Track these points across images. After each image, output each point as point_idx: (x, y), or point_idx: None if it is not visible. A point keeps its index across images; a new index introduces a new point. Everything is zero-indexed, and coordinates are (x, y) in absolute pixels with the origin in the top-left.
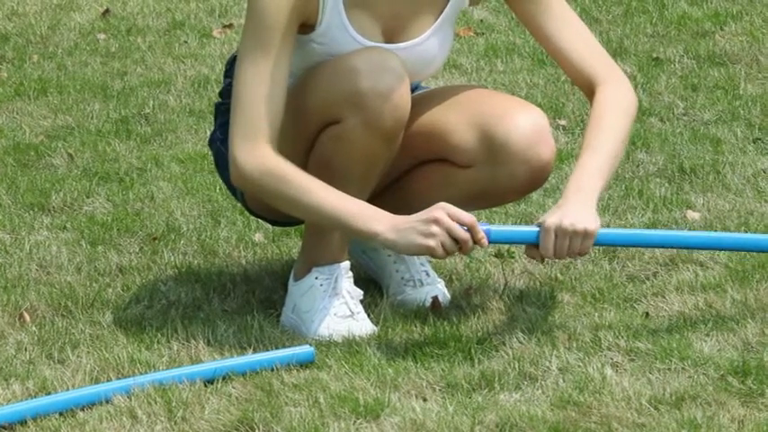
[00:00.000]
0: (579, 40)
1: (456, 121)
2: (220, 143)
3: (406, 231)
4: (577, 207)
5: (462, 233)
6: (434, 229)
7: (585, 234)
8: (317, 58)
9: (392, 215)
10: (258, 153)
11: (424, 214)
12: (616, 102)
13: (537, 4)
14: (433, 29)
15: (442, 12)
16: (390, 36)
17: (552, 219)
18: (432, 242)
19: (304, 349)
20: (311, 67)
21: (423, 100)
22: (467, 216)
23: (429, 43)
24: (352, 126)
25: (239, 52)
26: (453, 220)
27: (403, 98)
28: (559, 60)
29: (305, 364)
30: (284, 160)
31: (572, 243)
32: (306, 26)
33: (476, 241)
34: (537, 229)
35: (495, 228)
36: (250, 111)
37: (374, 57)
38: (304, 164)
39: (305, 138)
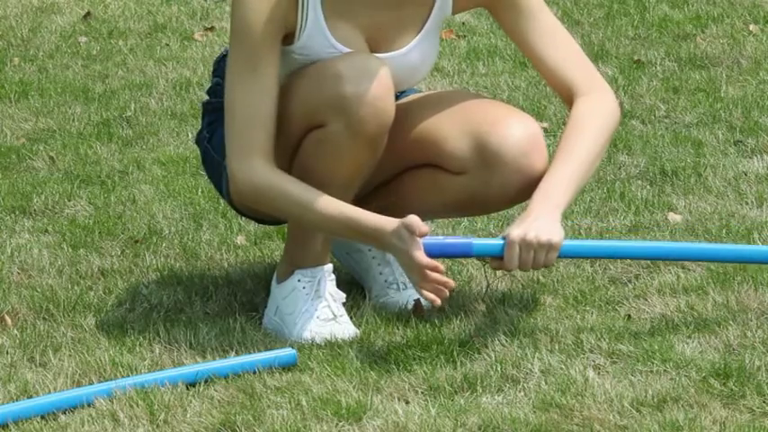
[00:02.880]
0: (562, 50)
1: (449, 127)
2: (207, 142)
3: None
4: (542, 219)
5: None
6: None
7: (550, 246)
8: (300, 66)
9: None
10: (250, 170)
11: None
12: (595, 113)
13: (520, 12)
14: (418, 39)
15: (425, 22)
16: (375, 46)
17: (517, 231)
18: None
19: (286, 352)
20: (295, 71)
21: (416, 105)
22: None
23: (414, 53)
24: (335, 131)
25: (228, 69)
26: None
27: (386, 103)
28: (541, 70)
29: (287, 366)
30: (275, 174)
31: (537, 255)
32: (286, 37)
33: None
34: (501, 241)
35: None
36: (242, 128)
37: (358, 62)
38: (288, 168)
39: (289, 141)
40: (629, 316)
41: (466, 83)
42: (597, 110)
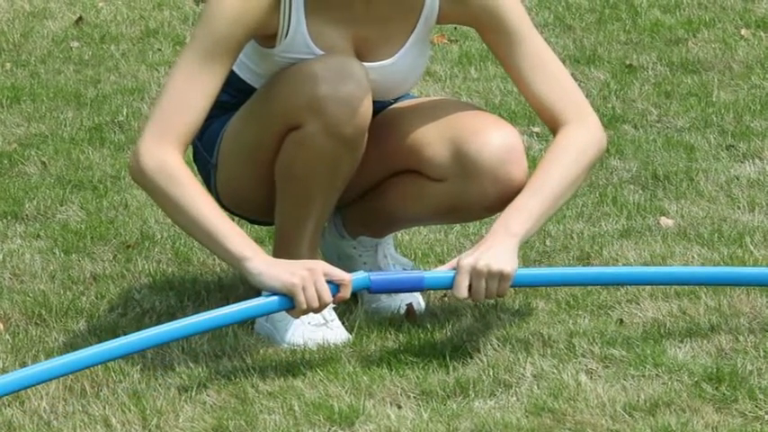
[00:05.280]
0: (548, 77)
1: (432, 134)
2: (198, 139)
3: (276, 265)
4: (495, 248)
5: (327, 293)
6: (305, 273)
7: (501, 276)
8: (284, 66)
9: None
10: (162, 151)
11: (300, 261)
12: (574, 143)
13: (507, 36)
14: (405, 50)
15: (411, 33)
16: (361, 57)
17: (468, 260)
18: (296, 280)
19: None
20: (275, 73)
21: (405, 111)
22: (344, 275)
23: (400, 63)
24: (312, 132)
25: (183, 49)
26: (327, 278)
27: (363, 105)
28: (526, 96)
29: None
30: (185, 166)
31: (489, 285)
32: (268, 39)
33: (336, 300)
34: (454, 272)
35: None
36: (170, 109)
37: (335, 63)
38: (270, 170)
39: (269, 142)
40: (622, 320)
41: (458, 87)
42: (577, 140)
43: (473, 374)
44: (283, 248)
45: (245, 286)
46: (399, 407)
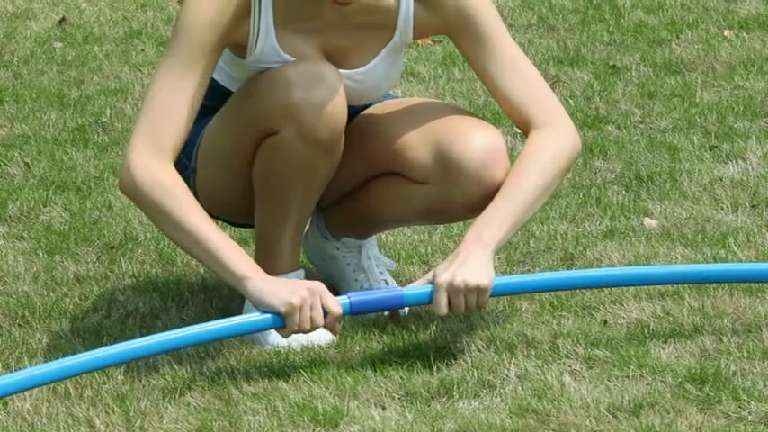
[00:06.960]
0: (520, 83)
1: (414, 137)
2: None
3: (275, 282)
4: (470, 262)
5: (321, 318)
6: (305, 293)
7: (479, 290)
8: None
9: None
10: (155, 163)
11: (301, 281)
12: (546, 149)
13: (480, 41)
14: (377, 61)
15: (385, 46)
16: (332, 63)
17: (444, 276)
18: (296, 300)
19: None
20: (249, 79)
21: (386, 113)
22: (335, 306)
23: (372, 73)
24: (287, 137)
25: (162, 59)
26: (322, 302)
27: (337, 109)
28: (499, 102)
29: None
30: (179, 179)
31: (467, 299)
32: (240, 48)
33: (328, 327)
34: (431, 287)
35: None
36: (157, 120)
37: (307, 68)
38: (248, 173)
39: (246, 147)
40: (606, 321)
41: (441, 88)
42: (550, 145)
43: (457, 375)
44: (264, 251)
45: (229, 287)
46: (384, 408)
